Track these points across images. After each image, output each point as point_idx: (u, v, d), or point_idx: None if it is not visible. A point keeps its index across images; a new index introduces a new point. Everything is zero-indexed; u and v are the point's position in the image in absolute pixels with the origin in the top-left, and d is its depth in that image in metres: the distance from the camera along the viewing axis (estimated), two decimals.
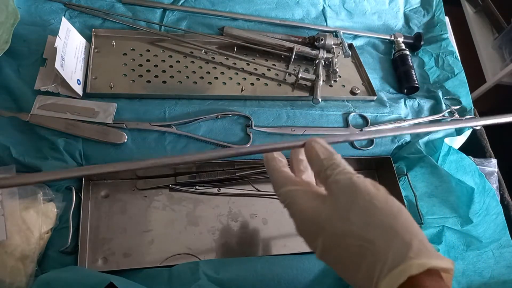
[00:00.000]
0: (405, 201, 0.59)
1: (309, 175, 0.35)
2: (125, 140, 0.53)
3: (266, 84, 0.66)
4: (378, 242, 0.25)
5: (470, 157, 0.63)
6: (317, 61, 0.69)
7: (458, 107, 0.72)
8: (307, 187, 0.32)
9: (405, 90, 0.73)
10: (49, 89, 0.54)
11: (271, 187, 0.34)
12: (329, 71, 0.70)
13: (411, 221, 0.26)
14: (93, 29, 0.62)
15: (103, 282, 0.38)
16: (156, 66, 0.62)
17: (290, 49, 0.68)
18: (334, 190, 0.29)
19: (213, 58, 0.66)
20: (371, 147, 0.63)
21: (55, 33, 0.54)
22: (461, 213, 0.57)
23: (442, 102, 0.71)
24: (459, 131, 0.68)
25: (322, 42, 0.68)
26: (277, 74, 0.68)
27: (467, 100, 0.73)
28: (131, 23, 0.65)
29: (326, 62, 0.70)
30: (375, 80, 0.73)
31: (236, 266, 0.46)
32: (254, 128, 0.59)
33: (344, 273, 0.27)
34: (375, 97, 0.69)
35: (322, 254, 0.28)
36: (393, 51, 0.77)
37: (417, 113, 0.70)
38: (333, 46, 0.69)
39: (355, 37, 0.78)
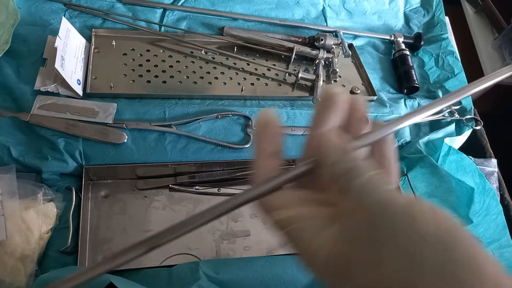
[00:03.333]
0: None
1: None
2: (125, 140, 0.53)
3: (266, 84, 0.66)
4: None
5: (470, 157, 0.63)
6: (317, 61, 0.69)
7: (458, 107, 0.71)
8: (317, 207, 0.21)
9: (405, 90, 0.73)
10: (49, 89, 0.54)
11: None
12: (329, 71, 0.70)
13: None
14: (93, 29, 0.62)
15: (103, 282, 0.38)
16: (156, 66, 0.62)
17: (290, 49, 0.68)
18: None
19: (213, 58, 0.66)
20: None
21: (55, 33, 0.54)
22: (461, 213, 0.57)
23: None
24: (459, 131, 0.68)
25: (322, 42, 0.68)
26: (277, 74, 0.67)
27: (467, 100, 0.73)
28: (131, 23, 0.65)
29: (326, 62, 0.70)
30: (375, 80, 0.73)
31: (236, 266, 0.46)
32: (254, 128, 0.59)
33: None
34: (375, 97, 0.69)
35: None
36: (393, 51, 0.77)
37: None
38: (333, 46, 0.69)
39: (355, 37, 0.78)
